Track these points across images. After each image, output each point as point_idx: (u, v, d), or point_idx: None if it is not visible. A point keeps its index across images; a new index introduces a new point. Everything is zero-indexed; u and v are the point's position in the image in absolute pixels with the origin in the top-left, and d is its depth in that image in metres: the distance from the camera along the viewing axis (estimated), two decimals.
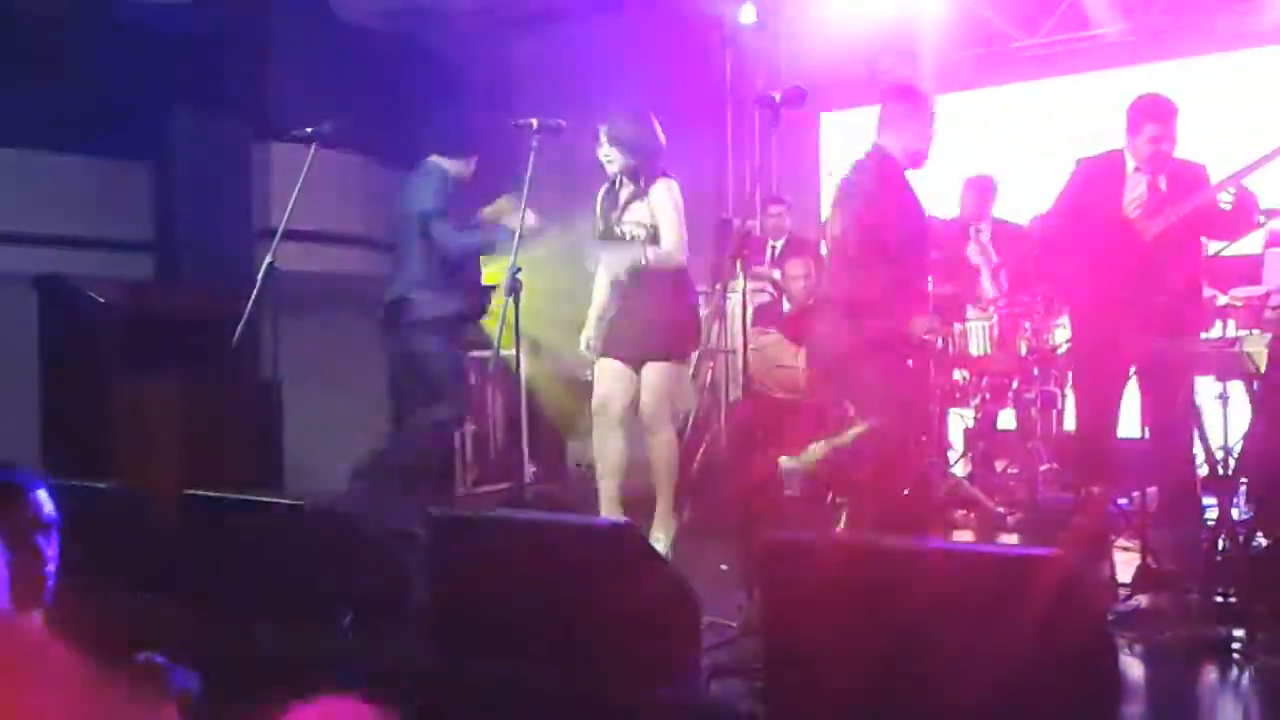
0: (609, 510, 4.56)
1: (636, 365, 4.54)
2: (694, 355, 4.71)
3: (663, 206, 4.51)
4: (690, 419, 6.60)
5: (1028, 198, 6.13)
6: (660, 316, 4.51)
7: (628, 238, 4.53)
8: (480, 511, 3.60)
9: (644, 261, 4.46)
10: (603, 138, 4.55)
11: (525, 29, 9.22)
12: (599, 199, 4.73)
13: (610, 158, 4.56)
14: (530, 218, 4.56)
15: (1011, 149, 7.13)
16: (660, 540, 4.48)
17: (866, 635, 2.42)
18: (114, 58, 6.94)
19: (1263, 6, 6.60)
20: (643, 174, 4.54)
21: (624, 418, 4.57)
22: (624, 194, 4.60)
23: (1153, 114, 4.44)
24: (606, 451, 4.58)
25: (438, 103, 7.12)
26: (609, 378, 4.57)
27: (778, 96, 3.84)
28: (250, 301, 4.31)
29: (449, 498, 6.23)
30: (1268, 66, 6.70)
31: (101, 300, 5.41)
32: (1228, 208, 4.31)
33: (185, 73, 7.04)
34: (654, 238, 4.50)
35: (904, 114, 4.16)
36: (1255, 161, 4.19)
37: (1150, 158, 4.45)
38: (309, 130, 4.54)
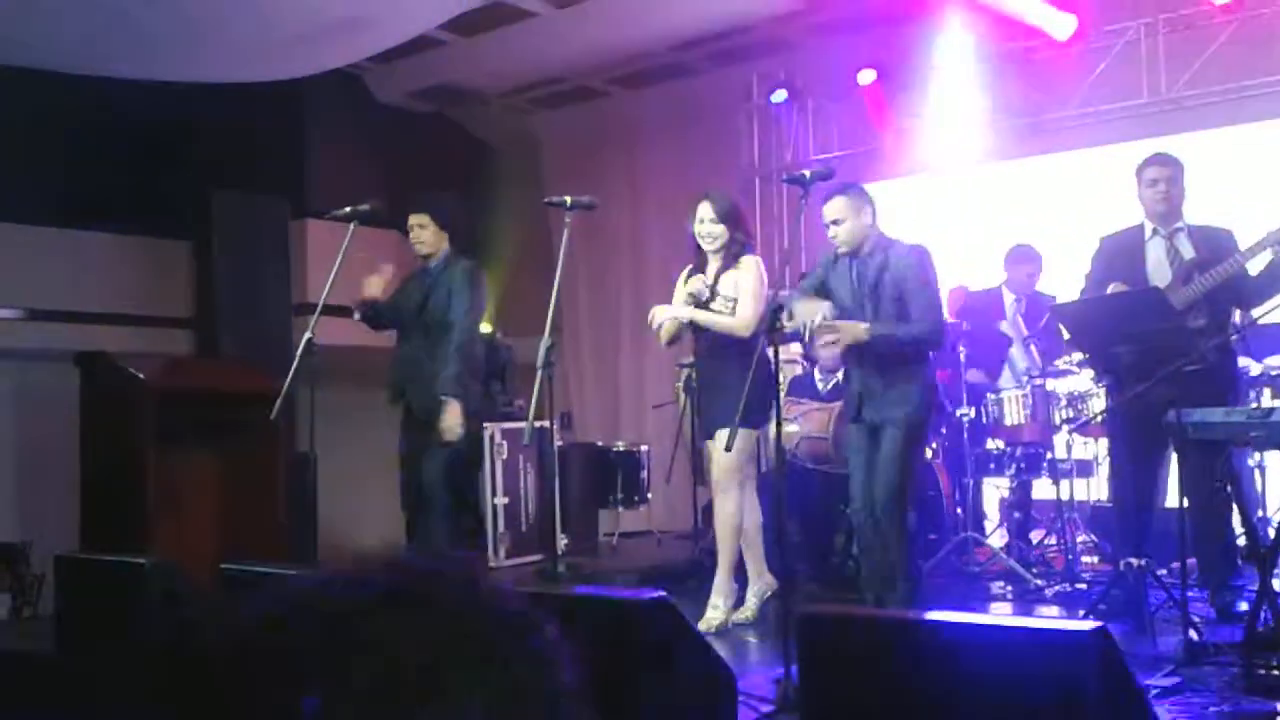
0: (722, 575, 4.69)
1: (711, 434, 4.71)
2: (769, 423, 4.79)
3: (748, 278, 4.65)
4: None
5: (1063, 269, 6.15)
6: (727, 388, 4.55)
7: (718, 311, 4.67)
8: (510, 585, 3.61)
9: (734, 330, 4.61)
10: (706, 213, 4.66)
11: (556, 107, 9.40)
12: (684, 278, 4.84)
13: (714, 235, 4.66)
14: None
15: (1048, 220, 7.16)
16: (720, 605, 4.53)
17: (904, 710, 2.40)
18: (156, 139, 7.14)
19: None
20: (737, 249, 4.68)
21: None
22: (714, 269, 4.73)
23: (1153, 160, 4.61)
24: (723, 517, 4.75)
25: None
26: (715, 454, 4.71)
27: (808, 174, 3.90)
28: (289, 376, 4.37)
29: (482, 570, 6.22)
30: None
31: (141, 376, 5.50)
32: (1257, 275, 4.32)
33: (226, 154, 7.23)
34: (733, 310, 4.64)
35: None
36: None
37: (1151, 204, 4.53)
38: (348, 210, 4.63)
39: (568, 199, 4.35)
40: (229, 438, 5.53)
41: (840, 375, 5.87)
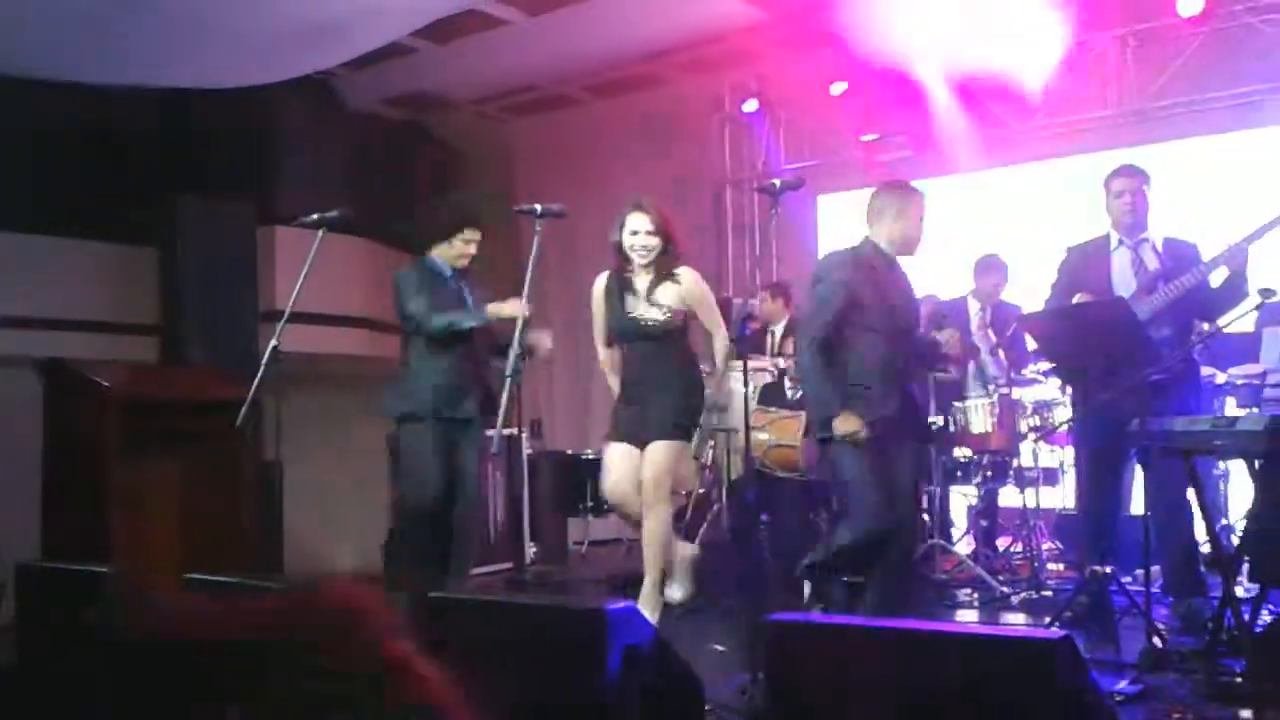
0: (650, 585, 4.57)
1: (642, 445, 4.54)
2: (695, 434, 4.70)
3: (702, 293, 4.59)
4: (692, 498, 6.61)
5: (1029, 279, 6.20)
6: (661, 399, 4.52)
7: (657, 323, 4.52)
8: (475, 594, 3.58)
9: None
10: (643, 225, 4.52)
11: (528, 115, 9.40)
12: (604, 287, 4.69)
13: (649, 247, 4.52)
14: (547, 341, 4.71)
15: (1015, 230, 7.22)
16: (648, 615, 4.46)
17: (872, 718, 2.40)
18: (123, 144, 7.08)
19: (1251, 89, 6.75)
20: (671, 260, 4.56)
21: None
22: (643, 280, 4.59)
23: (1120, 172, 4.68)
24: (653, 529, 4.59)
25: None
26: (618, 461, 4.57)
27: (778, 183, 3.91)
28: (254, 383, 4.33)
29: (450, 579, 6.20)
30: (1259, 148, 6.81)
31: (105, 384, 5.43)
32: (1218, 285, 4.37)
33: (194, 159, 7.18)
34: (680, 316, 4.53)
35: (895, 207, 4.24)
36: (1245, 238, 4.26)
37: (1118, 215, 4.58)
38: (315, 217, 4.59)
39: (538, 207, 4.33)
40: (194, 445, 5.47)
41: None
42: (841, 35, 6.99)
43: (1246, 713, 3.30)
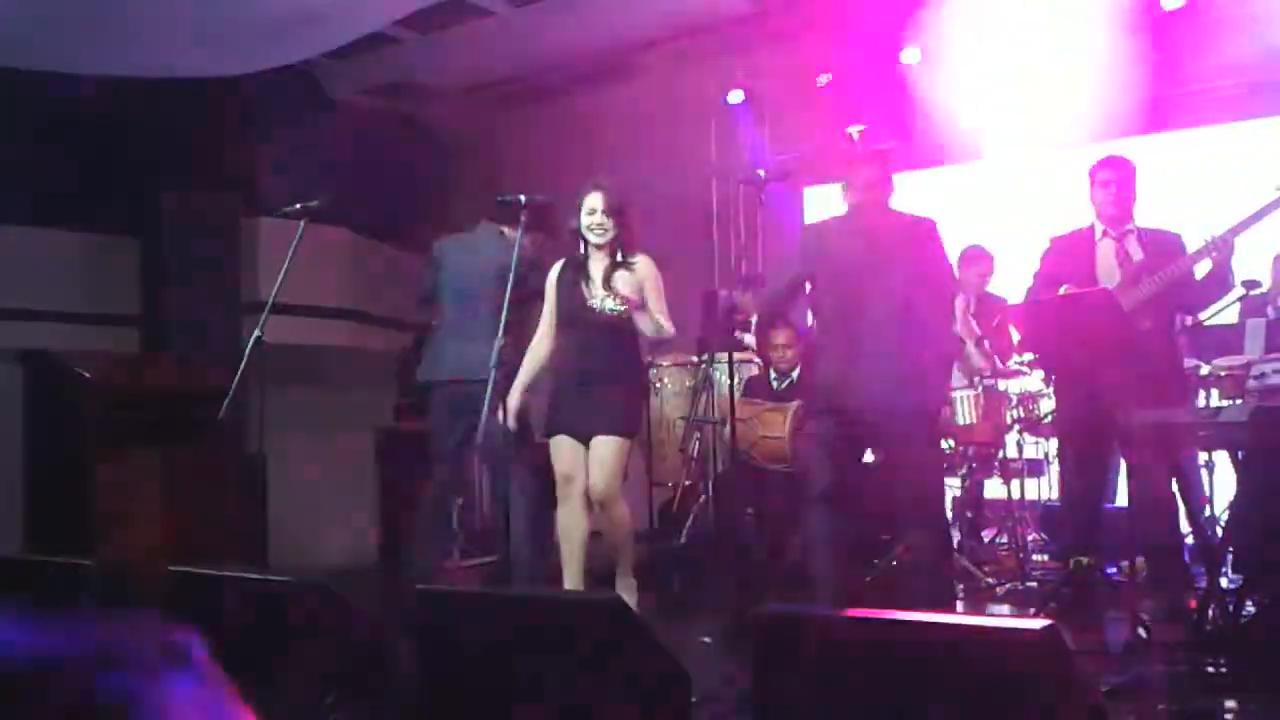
0: (573, 584, 4.54)
1: (585, 440, 4.50)
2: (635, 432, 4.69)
3: (653, 280, 4.53)
4: (679, 490, 6.60)
5: (1015, 270, 6.21)
6: (610, 391, 4.48)
7: (610, 311, 4.46)
8: (466, 587, 3.58)
9: (666, 333, 4.50)
10: (598, 204, 4.50)
11: (513, 105, 9.35)
12: (556, 277, 4.65)
13: (605, 227, 4.50)
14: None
15: (1001, 221, 7.23)
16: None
17: (858, 709, 2.40)
18: (103, 135, 7.02)
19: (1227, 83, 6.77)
20: (628, 246, 4.55)
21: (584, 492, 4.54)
22: (599, 266, 4.55)
23: (1106, 164, 4.64)
24: (572, 527, 4.57)
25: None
26: (568, 454, 4.54)
27: (764, 174, 3.90)
28: (237, 375, 4.30)
29: (436, 571, 6.19)
30: (1245, 140, 6.84)
31: (87, 375, 5.40)
32: (1202, 277, 4.38)
33: (175, 150, 7.12)
34: (635, 305, 4.47)
35: (859, 168, 4.23)
36: (1230, 230, 4.26)
37: (1101, 204, 4.57)
38: (299, 206, 4.56)
39: (522, 197, 4.31)
40: (177, 437, 5.45)
41: (796, 375, 5.89)
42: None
43: (1231, 703, 3.31)
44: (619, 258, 4.52)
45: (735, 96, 8.43)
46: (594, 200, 4.52)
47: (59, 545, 4.71)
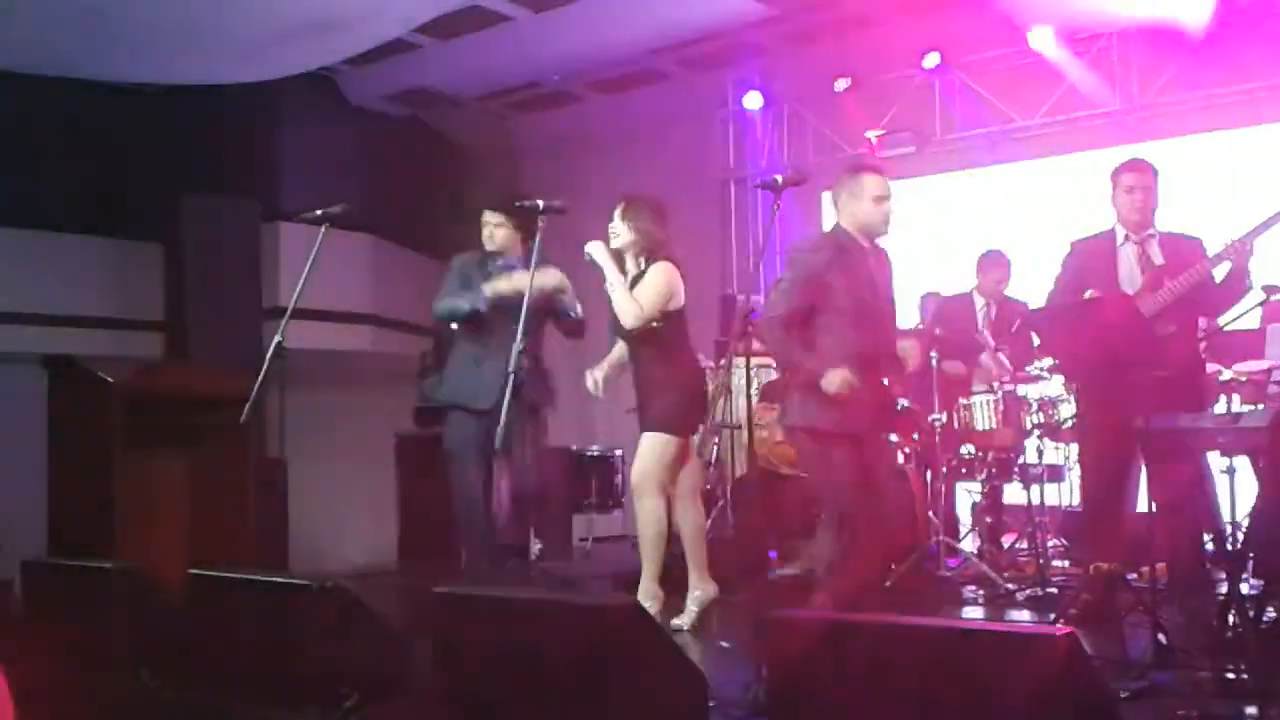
0: (645, 579, 4.61)
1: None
2: (696, 433, 4.72)
3: (653, 278, 4.58)
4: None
5: (1033, 274, 6.19)
6: (655, 390, 4.58)
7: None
8: (485, 589, 3.59)
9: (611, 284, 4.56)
10: (615, 214, 4.65)
11: (531, 112, 9.39)
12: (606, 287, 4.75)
13: (616, 233, 4.63)
14: (553, 276, 4.65)
15: (1019, 226, 7.22)
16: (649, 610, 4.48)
17: (873, 714, 2.40)
18: (127, 141, 7.09)
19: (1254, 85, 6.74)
20: (645, 254, 4.62)
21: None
22: (629, 273, 4.68)
23: (1129, 167, 4.59)
24: (642, 524, 4.67)
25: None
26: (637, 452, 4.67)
27: (780, 180, 3.90)
28: (258, 380, 4.33)
29: (455, 575, 6.21)
30: (1263, 144, 6.80)
31: (110, 380, 5.43)
32: (1221, 281, 4.35)
33: (198, 156, 7.18)
34: (663, 317, 4.57)
35: (846, 190, 4.21)
36: (1249, 233, 4.24)
37: (1128, 210, 4.53)
38: (319, 213, 4.59)
39: (539, 203, 4.32)
40: (199, 442, 5.48)
41: None
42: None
43: (1252, 709, 3.29)
44: (640, 268, 4.61)
45: (753, 102, 8.44)
46: (615, 210, 4.67)
47: (81, 549, 4.74)
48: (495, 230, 4.93)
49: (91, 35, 6.05)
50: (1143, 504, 4.51)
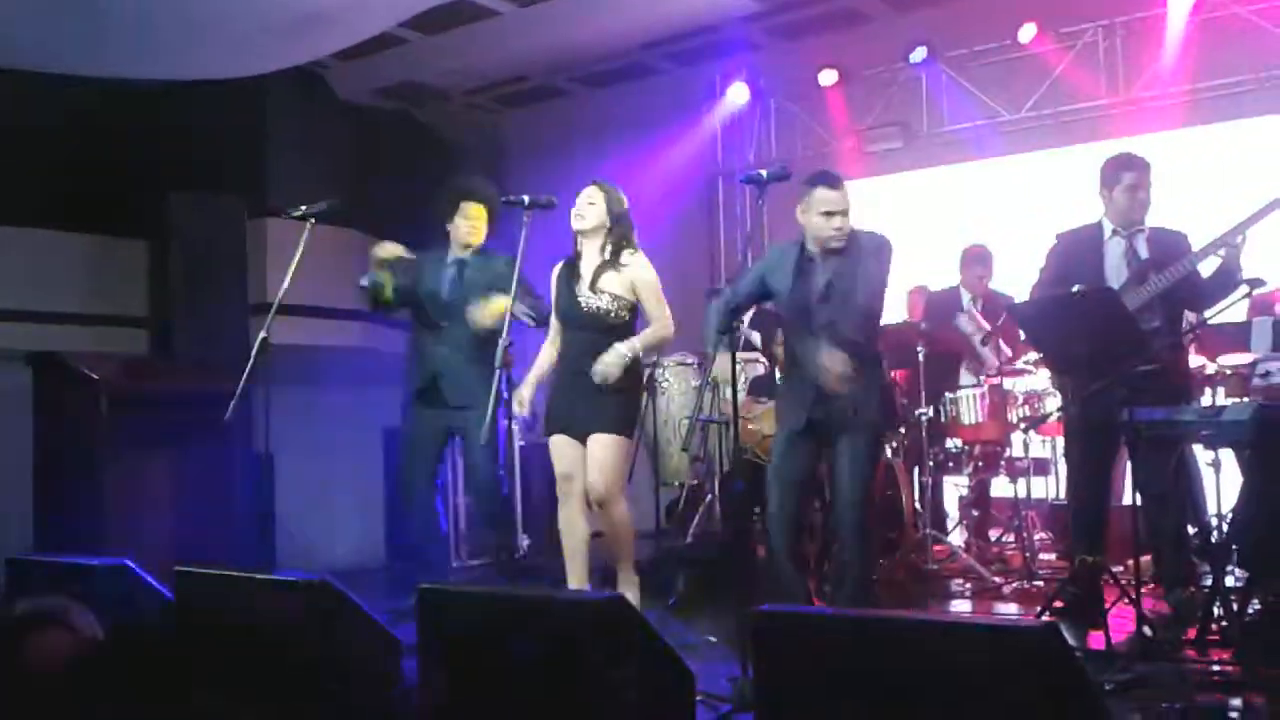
0: (577, 582, 4.55)
1: (583, 439, 4.47)
2: (635, 431, 4.67)
3: (647, 280, 4.47)
4: (684, 489, 6.61)
5: (1020, 268, 6.21)
6: (605, 390, 4.41)
7: (600, 310, 4.45)
8: (468, 586, 3.59)
9: (663, 336, 4.50)
10: (584, 196, 4.50)
11: (518, 106, 9.38)
12: (556, 275, 4.63)
13: (583, 215, 4.47)
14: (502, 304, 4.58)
15: (1006, 220, 7.23)
16: None
17: (860, 708, 2.40)
18: (113, 137, 7.06)
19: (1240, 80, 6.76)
20: (616, 242, 4.49)
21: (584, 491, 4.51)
22: (589, 265, 4.52)
23: (1129, 164, 4.55)
24: (573, 525, 4.55)
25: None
26: (567, 453, 4.52)
27: (765, 175, 3.90)
28: (244, 376, 4.32)
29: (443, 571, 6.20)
30: (1248, 139, 6.82)
31: (95, 376, 5.43)
32: (1209, 275, 4.37)
33: (184, 151, 7.15)
34: (628, 308, 4.47)
35: (800, 204, 4.16)
36: (1237, 226, 4.25)
37: (1128, 208, 4.52)
38: (304, 208, 4.58)
39: (526, 198, 4.31)
40: (185, 438, 5.47)
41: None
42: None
43: (1236, 701, 3.31)
44: (608, 256, 4.48)
45: (738, 93, 8.44)
46: (585, 192, 4.52)
47: (67, 546, 4.73)
48: (478, 222, 4.93)
49: (77, 29, 6.01)
50: (1128, 497, 4.53)
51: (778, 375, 6.07)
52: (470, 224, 4.97)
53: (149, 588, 3.85)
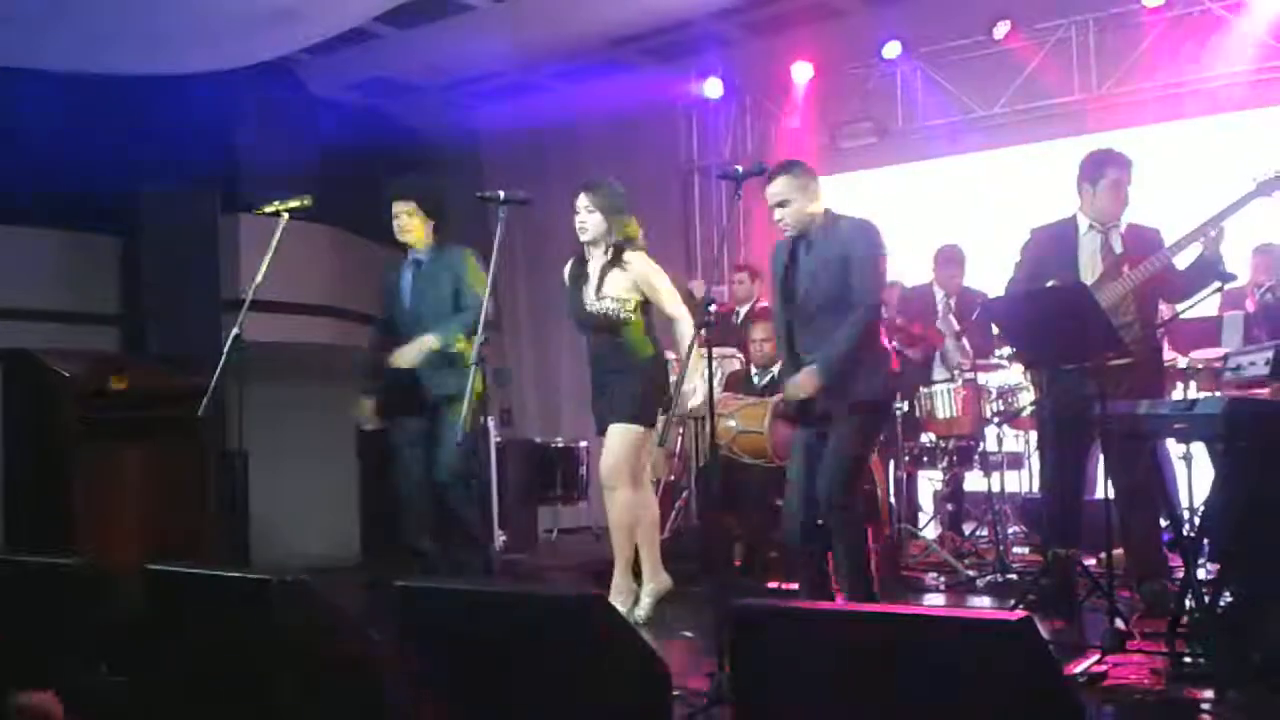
0: (618, 574, 4.62)
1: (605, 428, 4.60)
2: (659, 420, 4.68)
3: (654, 277, 4.54)
4: (661, 485, 6.61)
5: (995, 263, 6.23)
6: (618, 384, 4.54)
7: (609, 313, 4.52)
8: (447, 583, 3.57)
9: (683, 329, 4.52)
10: (583, 203, 4.55)
11: (493, 102, 9.34)
12: (567, 274, 4.71)
13: (585, 226, 4.55)
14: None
15: (980, 216, 7.26)
16: (619, 603, 4.46)
17: (837, 701, 2.41)
18: (83, 132, 6.98)
19: (1213, 75, 6.82)
20: (618, 242, 4.54)
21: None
22: (595, 266, 4.59)
23: (1112, 160, 4.55)
24: (611, 517, 4.66)
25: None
26: (606, 448, 4.64)
27: (740, 170, 3.90)
28: (216, 373, 4.29)
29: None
30: (1221, 134, 6.88)
31: (66, 374, 5.38)
32: (1186, 267, 4.39)
33: (156, 147, 7.08)
34: (638, 308, 4.53)
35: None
36: (1213, 217, 4.27)
37: (1109, 205, 4.52)
38: (278, 205, 4.55)
39: (501, 194, 4.29)
40: (156, 436, 5.43)
41: (776, 370, 5.91)
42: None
43: (1209, 693, 3.34)
44: (611, 257, 4.53)
45: (712, 89, 8.44)
46: (580, 200, 4.57)
47: (37, 544, 4.69)
48: (408, 220, 4.88)
49: (48, 26, 5.95)
50: (1101, 490, 4.55)
51: (752, 371, 6.10)
52: (399, 223, 4.94)
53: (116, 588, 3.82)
